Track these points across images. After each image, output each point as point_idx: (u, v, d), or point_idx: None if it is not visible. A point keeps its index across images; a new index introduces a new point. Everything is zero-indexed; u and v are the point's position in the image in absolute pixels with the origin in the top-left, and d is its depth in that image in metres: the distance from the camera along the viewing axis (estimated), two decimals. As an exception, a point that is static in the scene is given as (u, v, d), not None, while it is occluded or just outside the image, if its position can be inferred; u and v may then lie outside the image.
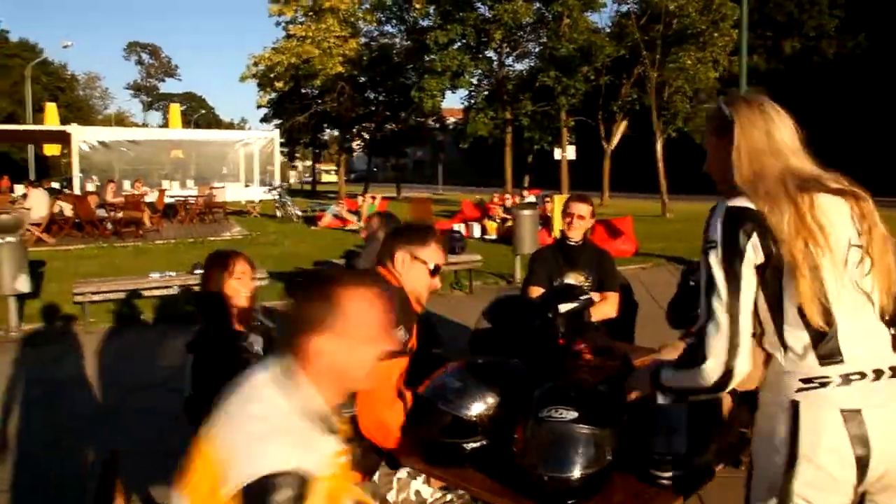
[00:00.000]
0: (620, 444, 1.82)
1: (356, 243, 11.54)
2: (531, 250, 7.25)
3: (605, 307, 4.14)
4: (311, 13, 32.28)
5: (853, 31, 40.91)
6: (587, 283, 4.20)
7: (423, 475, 2.17)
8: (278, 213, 22.81)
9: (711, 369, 1.65)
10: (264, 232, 18.31)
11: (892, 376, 1.64)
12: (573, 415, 1.77)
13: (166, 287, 8.15)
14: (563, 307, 3.33)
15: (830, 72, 40.16)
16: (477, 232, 16.21)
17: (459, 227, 15.94)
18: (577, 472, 1.74)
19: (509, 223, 13.51)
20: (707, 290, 1.68)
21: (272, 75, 33.05)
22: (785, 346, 1.67)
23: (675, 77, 24.40)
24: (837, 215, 1.69)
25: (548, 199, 16.04)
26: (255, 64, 33.47)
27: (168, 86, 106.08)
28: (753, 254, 1.65)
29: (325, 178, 62.33)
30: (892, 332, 1.71)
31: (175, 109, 37.58)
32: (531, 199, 19.11)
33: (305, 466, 1.35)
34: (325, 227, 19.24)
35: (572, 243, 4.26)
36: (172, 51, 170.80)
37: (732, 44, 23.43)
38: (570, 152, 28.06)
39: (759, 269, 1.66)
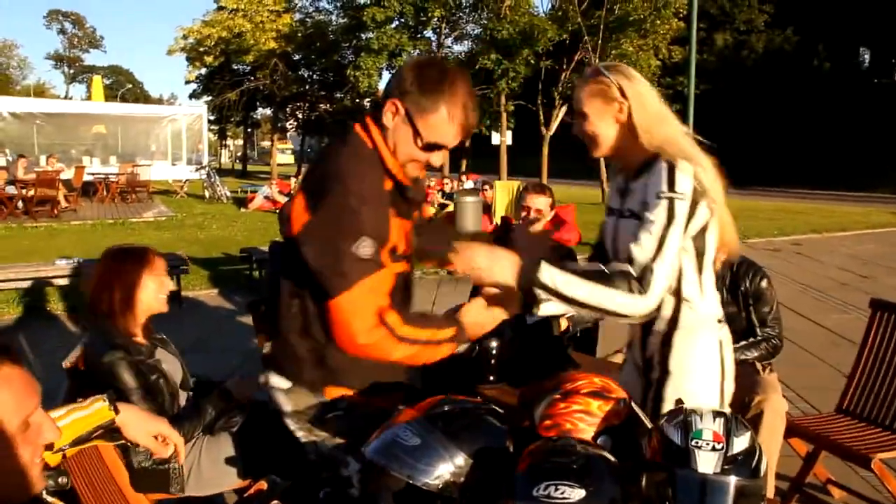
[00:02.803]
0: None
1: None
2: (474, 239, 6.79)
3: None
4: (242, -15, 30.93)
5: (782, 26, 41.80)
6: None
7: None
8: (207, 194, 21.92)
9: (650, 303, 1.76)
10: (191, 213, 17.47)
11: None
12: (579, 494, 1.29)
13: (76, 276, 7.38)
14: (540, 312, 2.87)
15: (760, 65, 41.05)
16: (415, 217, 15.64)
17: (397, 212, 15.38)
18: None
19: (449, 208, 13.01)
20: (664, 231, 1.77)
21: (201, 49, 31.63)
22: (703, 292, 1.93)
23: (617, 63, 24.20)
24: None
25: (487, 184, 15.59)
26: (184, 37, 31.94)
27: (93, 57, 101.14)
28: (707, 214, 1.83)
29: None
30: None
31: (97, 82, 35.75)
32: (469, 184, 18.67)
33: None
34: (256, 209, 18.45)
35: None
36: (97, 20, 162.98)
37: (673, 32, 23.39)
38: (508, 137, 27.74)
39: (703, 228, 1.85)
